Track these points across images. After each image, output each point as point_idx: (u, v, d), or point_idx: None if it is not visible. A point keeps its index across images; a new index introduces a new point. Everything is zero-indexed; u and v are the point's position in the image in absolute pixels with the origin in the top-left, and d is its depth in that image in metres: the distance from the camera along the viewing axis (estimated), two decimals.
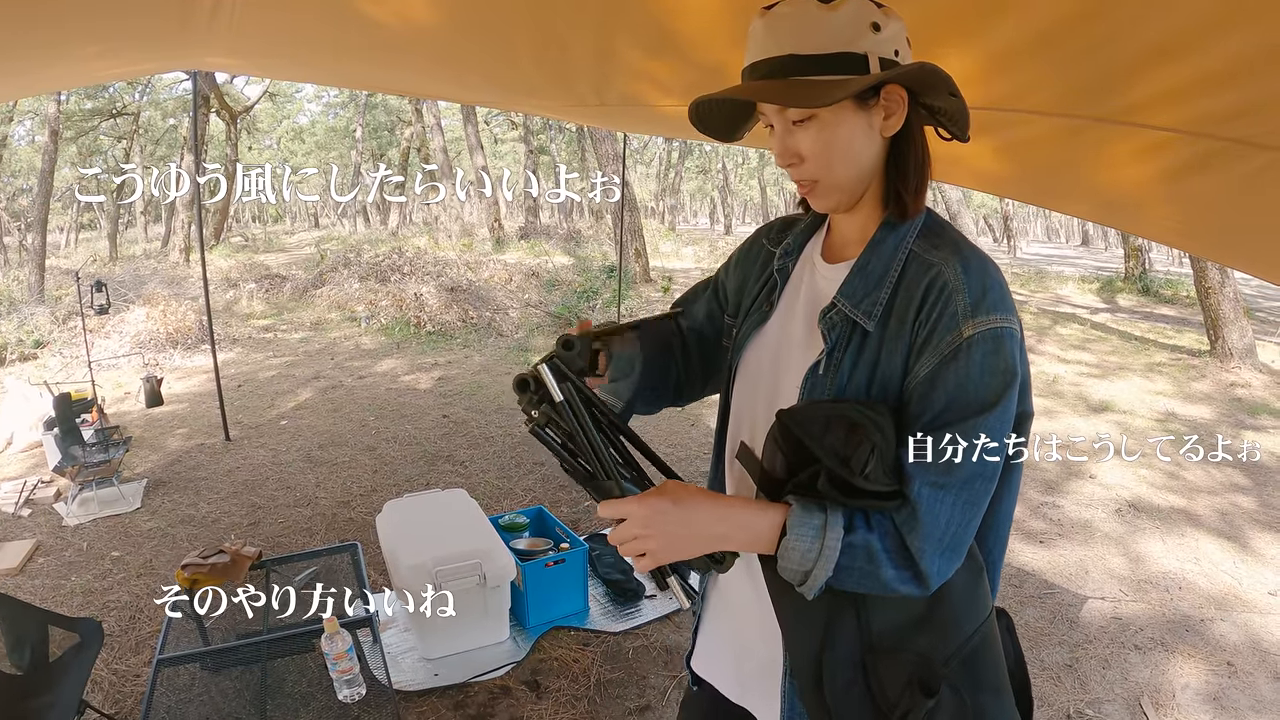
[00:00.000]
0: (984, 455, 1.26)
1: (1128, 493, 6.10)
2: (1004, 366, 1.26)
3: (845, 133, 1.32)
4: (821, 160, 1.34)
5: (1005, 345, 1.27)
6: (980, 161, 2.38)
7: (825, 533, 1.26)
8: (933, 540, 1.26)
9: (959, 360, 1.25)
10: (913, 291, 1.31)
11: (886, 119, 1.32)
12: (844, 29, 1.26)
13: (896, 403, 1.32)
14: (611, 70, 2.66)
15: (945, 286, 1.28)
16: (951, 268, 1.29)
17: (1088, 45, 1.52)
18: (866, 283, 1.36)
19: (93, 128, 30.43)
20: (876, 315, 1.34)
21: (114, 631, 4.09)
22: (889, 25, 1.28)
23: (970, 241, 1.35)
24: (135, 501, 5.86)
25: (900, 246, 1.36)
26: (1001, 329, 1.26)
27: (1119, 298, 16.90)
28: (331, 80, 6.91)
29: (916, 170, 1.36)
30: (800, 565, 1.27)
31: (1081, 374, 10.02)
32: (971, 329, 1.25)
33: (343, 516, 5.58)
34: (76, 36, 3.01)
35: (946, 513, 1.26)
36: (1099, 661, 3.93)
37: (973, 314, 1.25)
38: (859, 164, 1.35)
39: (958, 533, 1.28)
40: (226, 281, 15.74)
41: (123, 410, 8.42)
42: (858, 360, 1.35)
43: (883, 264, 1.36)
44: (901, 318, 1.31)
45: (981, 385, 1.26)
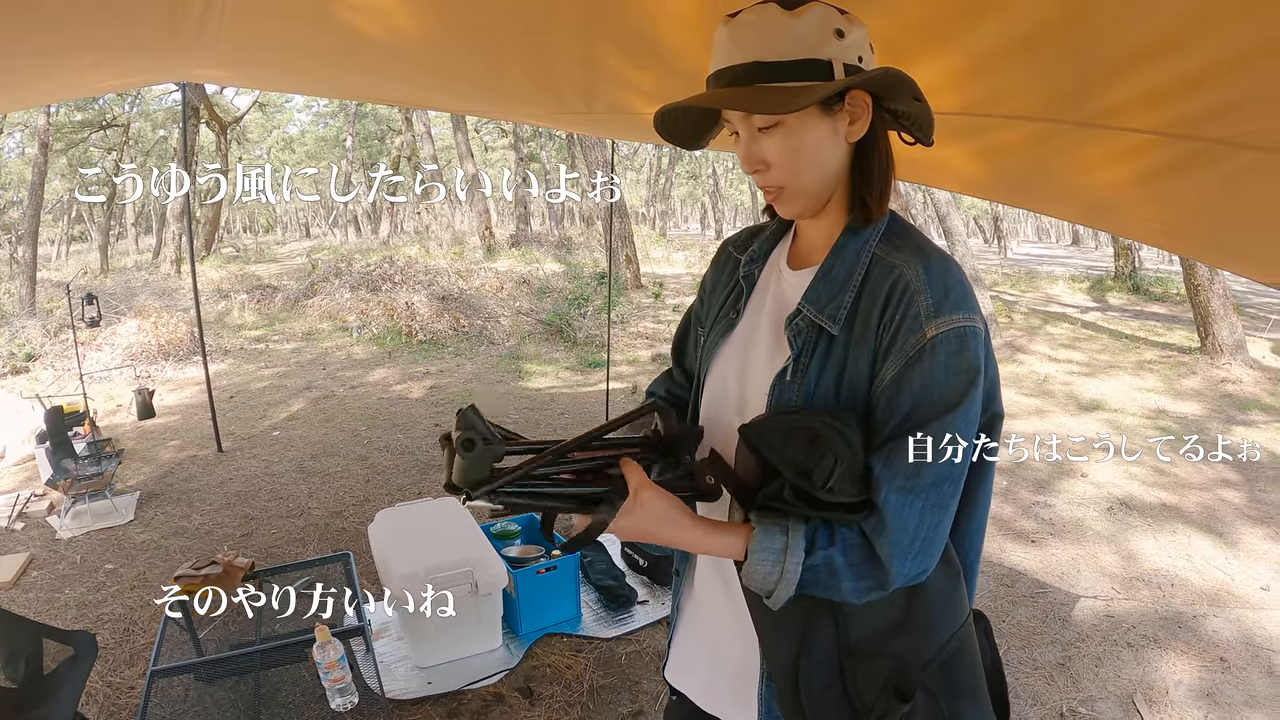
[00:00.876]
0: (951, 456, 1.27)
1: (1119, 491, 6.12)
2: (967, 365, 1.27)
3: (811, 139, 1.32)
4: (787, 166, 1.35)
5: (969, 344, 1.27)
6: (961, 165, 2.40)
7: (786, 557, 1.27)
8: (901, 546, 1.26)
9: (923, 361, 1.26)
10: (876, 294, 1.32)
11: (851, 124, 1.33)
12: (808, 36, 1.27)
13: (865, 407, 1.33)
14: (597, 78, 2.67)
15: (908, 288, 1.28)
16: (913, 269, 1.29)
17: (1065, 50, 1.53)
18: (830, 287, 1.37)
19: (83, 139, 30.38)
20: (841, 319, 1.34)
21: (108, 644, 4.08)
22: (852, 31, 1.29)
23: (933, 244, 1.37)
24: (128, 514, 5.85)
25: (863, 250, 1.37)
26: (965, 328, 1.27)
27: (1109, 296, 16.97)
28: (320, 91, 6.90)
29: (880, 175, 1.37)
30: (763, 586, 1.29)
31: (1072, 373, 10.07)
32: (935, 329, 1.26)
33: (335, 526, 5.57)
34: (65, 49, 3.01)
35: (915, 517, 1.26)
36: (1092, 659, 3.94)
37: (935, 314, 1.26)
38: (824, 169, 1.36)
39: (927, 536, 1.28)
40: (218, 292, 15.72)
41: (115, 423, 8.41)
42: (825, 365, 1.35)
43: (846, 268, 1.37)
44: (866, 321, 1.32)
45: (946, 385, 1.26)
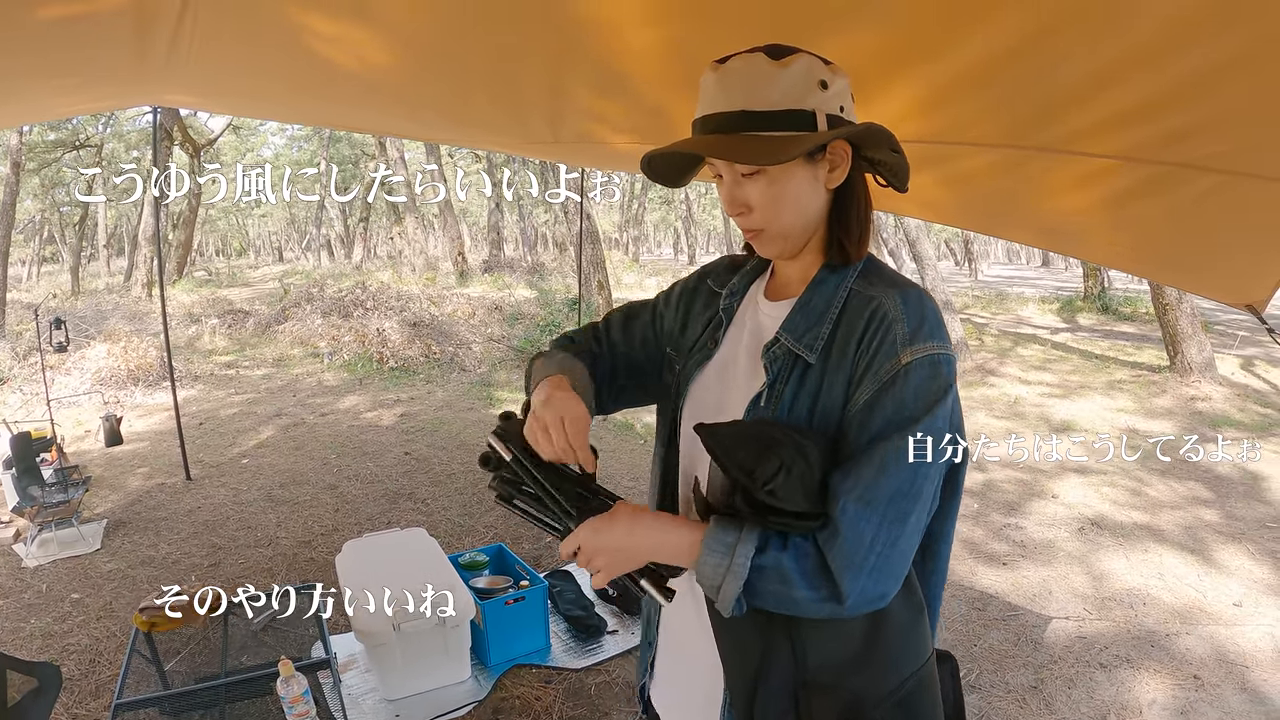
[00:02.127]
0: (911, 470, 1.28)
1: (1090, 510, 6.15)
2: (938, 386, 1.30)
3: (793, 186, 1.37)
4: (769, 211, 1.39)
5: (941, 369, 1.31)
6: (926, 193, 2.41)
7: (735, 550, 1.28)
8: (855, 557, 1.26)
9: (896, 385, 1.29)
10: (854, 324, 1.35)
11: (831, 171, 1.38)
12: (794, 86, 1.31)
13: (837, 432, 1.35)
14: (564, 108, 2.68)
15: (885, 316, 1.32)
16: (891, 299, 1.33)
17: (1026, 77, 1.54)
18: (808, 318, 1.41)
19: (55, 159, 30.23)
20: (818, 349, 1.38)
21: (73, 675, 4.03)
22: (835, 82, 1.34)
23: (907, 279, 1.41)
24: (95, 542, 5.79)
25: (841, 286, 1.41)
26: (939, 355, 1.30)
27: (1079, 317, 17.12)
28: (289, 117, 6.90)
29: (859, 220, 1.43)
30: (710, 580, 1.30)
31: (1043, 394, 10.13)
32: (910, 355, 1.29)
33: (304, 556, 5.52)
34: (33, 72, 3.00)
35: (871, 529, 1.26)
36: (1064, 681, 3.94)
37: (911, 341, 1.29)
38: (804, 214, 1.40)
39: (883, 552, 1.28)
40: (189, 317, 15.61)
41: (83, 449, 8.32)
42: (799, 392, 1.38)
43: (824, 301, 1.41)
44: (843, 350, 1.35)
45: (914, 403, 1.29)
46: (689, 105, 1.39)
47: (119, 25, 2.66)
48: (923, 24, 1.48)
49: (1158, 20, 1.24)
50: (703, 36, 1.46)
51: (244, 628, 4.05)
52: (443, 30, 2.24)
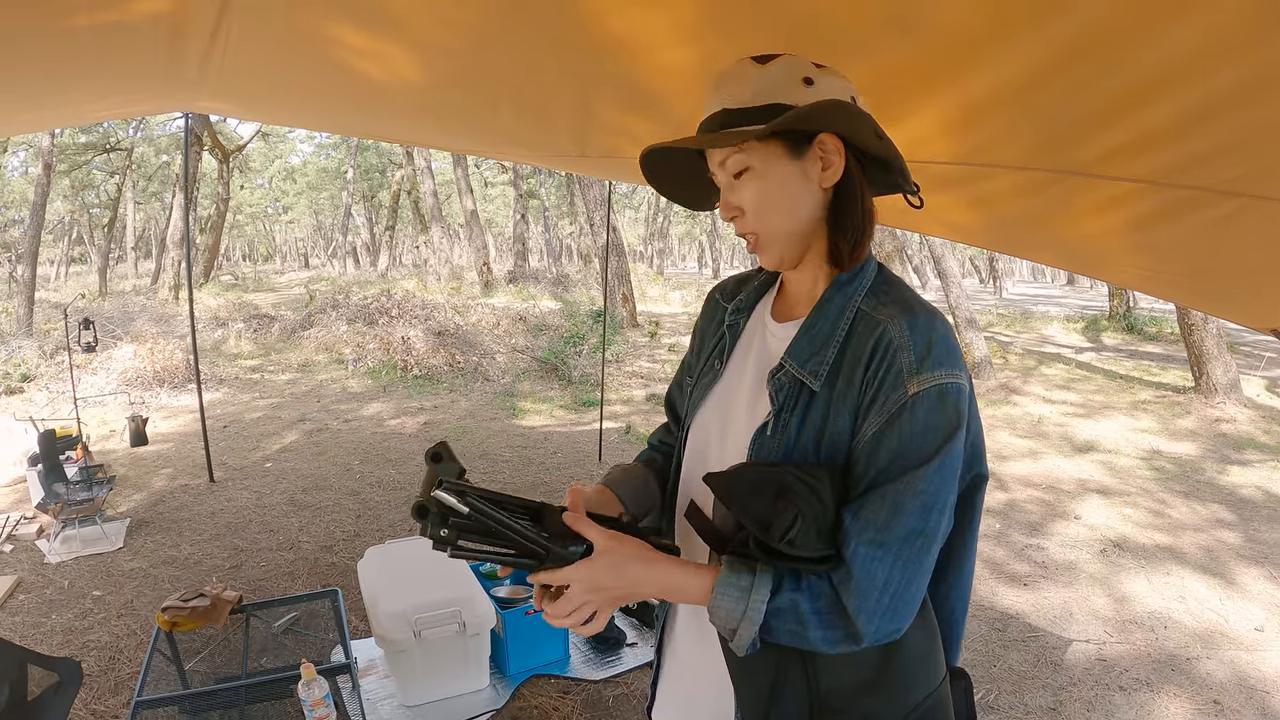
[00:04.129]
0: (924, 511, 1.25)
1: (1112, 532, 6.11)
2: (947, 420, 1.26)
3: (779, 181, 1.35)
4: (759, 211, 1.38)
5: (950, 399, 1.27)
6: (951, 214, 2.42)
7: (750, 594, 1.27)
8: (870, 599, 1.24)
9: (903, 418, 1.25)
10: (860, 350, 1.32)
11: (824, 170, 1.35)
12: (774, 83, 1.32)
13: (845, 463, 1.32)
14: (591, 122, 2.70)
15: (891, 344, 1.28)
16: (897, 325, 1.29)
17: (1051, 101, 1.54)
18: (813, 343, 1.37)
19: (86, 162, 30.52)
20: (823, 375, 1.35)
21: (93, 672, 4.07)
22: (824, 81, 1.33)
23: (919, 298, 1.37)
24: (118, 541, 5.84)
25: (848, 305, 1.37)
26: (947, 384, 1.26)
27: (1104, 336, 17.01)
28: (319, 126, 6.95)
29: (855, 223, 1.38)
30: (726, 624, 1.28)
31: (1067, 414, 10.07)
32: (916, 386, 1.25)
33: (325, 561, 5.55)
34: (69, 77, 3.04)
35: (884, 571, 1.24)
36: (1084, 704, 3.92)
37: (918, 371, 1.26)
38: (795, 215, 1.38)
39: (898, 592, 1.25)
40: (215, 320, 15.73)
41: (108, 448, 8.40)
42: (805, 421, 1.35)
43: (830, 323, 1.37)
44: (849, 378, 1.32)
45: (923, 440, 1.25)
46: None
47: (154, 33, 2.69)
48: (951, 46, 1.49)
49: (1181, 45, 1.24)
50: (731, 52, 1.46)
51: (265, 630, 4.08)
52: (473, 45, 2.26)
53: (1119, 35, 1.29)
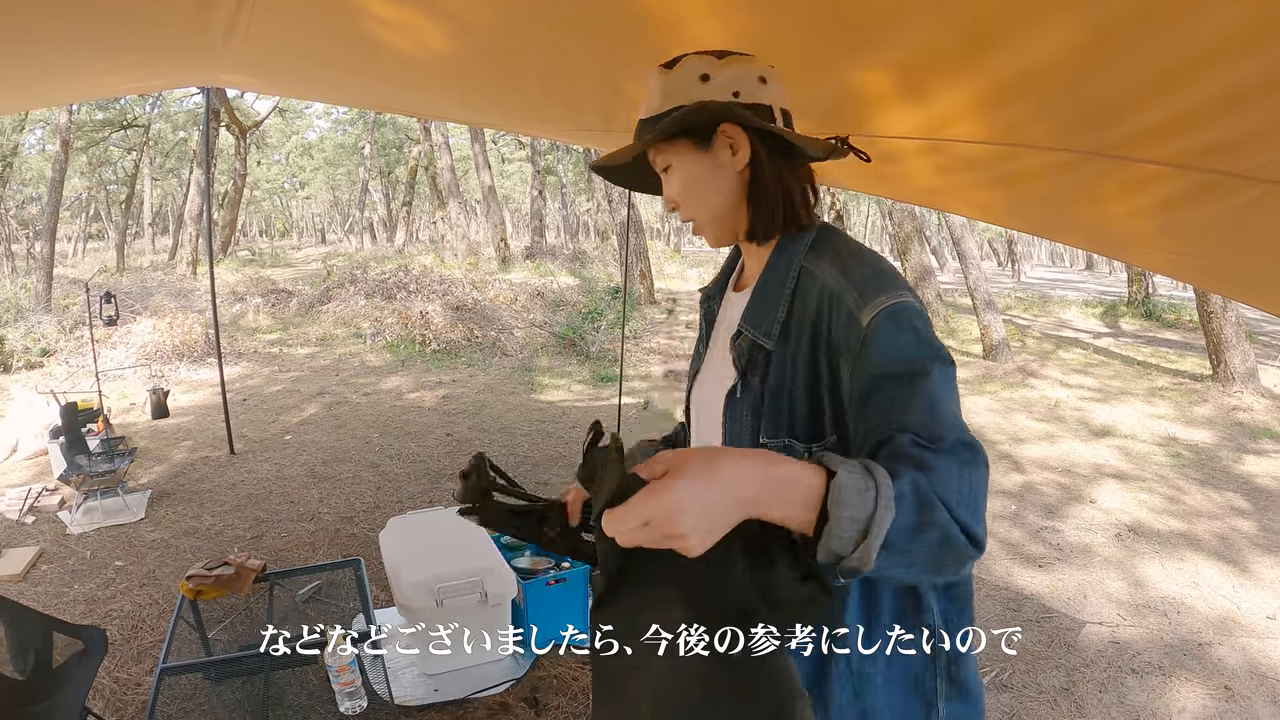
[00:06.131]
0: (953, 421, 1.19)
1: (1128, 517, 6.11)
2: (909, 336, 1.27)
3: (694, 173, 1.48)
4: (686, 201, 1.51)
5: (903, 316, 1.28)
6: (977, 193, 2.42)
7: (870, 469, 1.03)
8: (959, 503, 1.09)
9: (868, 348, 1.27)
10: (807, 305, 1.39)
11: (735, 155, 1.45)
12: (676, 87, 1.44)
13: (808, 411, 1.38)
14: (617, 100, 2.70)
15: (833, 293, 1.34)
16: (834, 276, 1.36)
17: (1079, 81, 1.55)
18: (765, 304, 1.46)
19: (103, 138, 30.56)
20: (775, 335, 1.42)
21: (116, 640, 4.11)
22: (720, 73, 1.43)
23: (852, 243, 1.45)
24: (139, 512, 5.90)
25: (791, 264, 1.45)
26: (892, 305, 1.28)
27: (1122, 322, 16.91)
28: (341, 99, 6.95)
29: (769, 199, 1.46)
30: (858, 511, 0.99)
31: (1084, 398, 10.04)
32: (867, 316, 1.28)
33: (345, 532, 5.60)
34: (92, 50, 3.05)
35: (955, 475, 1.10)
36: (1096, 685, 3.94)
37: (863, 304, 1.30)
38: (715, 199, 1.49)
39: (972, 493, 1.11)
40: (233, 295, 15.78)
41: (128, 421, 8.47)
42: (766, 379, 1.43)
43: (777, 284, 1.45)
44: (800, 331, 1.39)
45: (901, 355, 1.24)
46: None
47: (180, 4, 2.71)
48: (981, 26, 1.50)
49: (1210, 29, 1.24)
50: (763, 27, 1.48)
51: (287, 599, 4.13)
52: (501, 18, 2.27)
53: (1149, 18, 1.29)
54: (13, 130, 26.36)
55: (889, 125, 1.86)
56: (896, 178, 2.57)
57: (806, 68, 1.74)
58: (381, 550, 4.02)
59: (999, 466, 7.24)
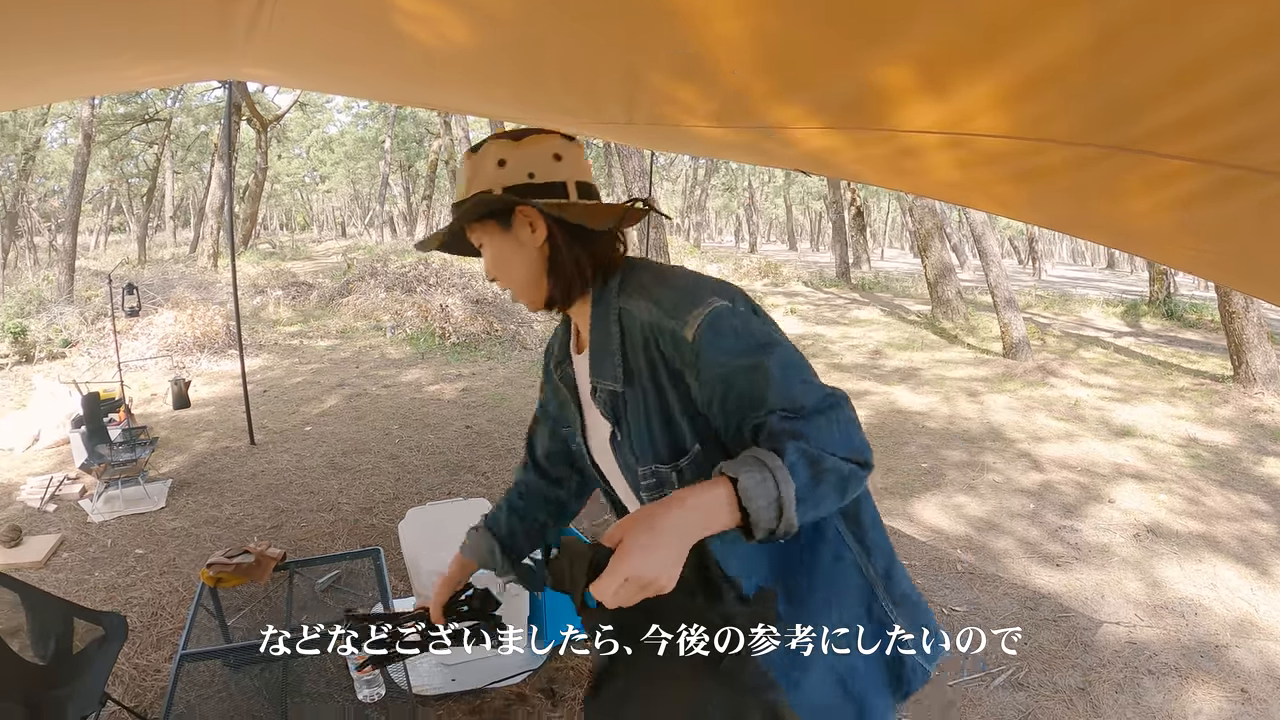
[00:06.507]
0: (803, 387, 1.38)
1: (1147, 517, 6.08)
2: (734, 339, 1.43)
3: (502, 252, 1.64)
4: (499, 274, 1.67)
5: (722, 323, 1.44)
6: (999, 187, 2.41)
7: (759, 457, 1.25)
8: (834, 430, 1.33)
9: (702, 360, 1.43)
10: (635, 343, 1.54)
11: (533, 233, 1.60)
12: (478, 173, 1.61)
13: (668, 436, 1.54)
14: (639, 92, 2.70)
15: (652, 325, 1.50)
16: (648, 309, 1.52)
17: (1100, 75, 1.54)
18: (603, 355, 1.60)
19: (125, 132, 30.77)
20: (620, 378, 1.57)
21: (136, 627, 4.15)
22: (514, 156, 1.59)
23: (657, 271, 1.63)
24: (160, 501, 5.95)
25: (609, 311, 1.60)
26: (708, 315, 1.44)
27: (1143, 321, 16.78)
28: (363, 93, 6.98)
29: (563, 271, 1.62)
30: (765, 496, 1.22)
31: (1104, 398, 9.97)
32: (690, 333, 1.44)
33: (365, 523, 5.64)
34: (114, 44, 3.07)
35: (826, 427, 1.33)
36: (1112, 686, 3.93)
37: (682, 324, 1.45)
38: (521, 273, 1.64)
39: (845, 432, 1.35)
40: (254, 288, 15.87)
41: (149, 411, 8.54)
42: (635, 419, 1.57)
43: (604, 333, 1.60)
44: (638, 367, 1.55)
45: (732, 357, 1.41)
46: (770, 86, 1.43)
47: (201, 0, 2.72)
48: (1000, 17, 1.49)
49: (1236, 22, 1.24)
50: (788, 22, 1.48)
51: (306, 588, 4.16)
52: (524, 9, 2.28)
53: (1173, 10, 1.29)
54: (35, 124, 26.60)
55: (911, 119, 1.85)
56: (918, 172, 2.56)
57: (826, 62, 1.74)
58: (401, 541, 4.04)
59: (1017, 465, 7.22)
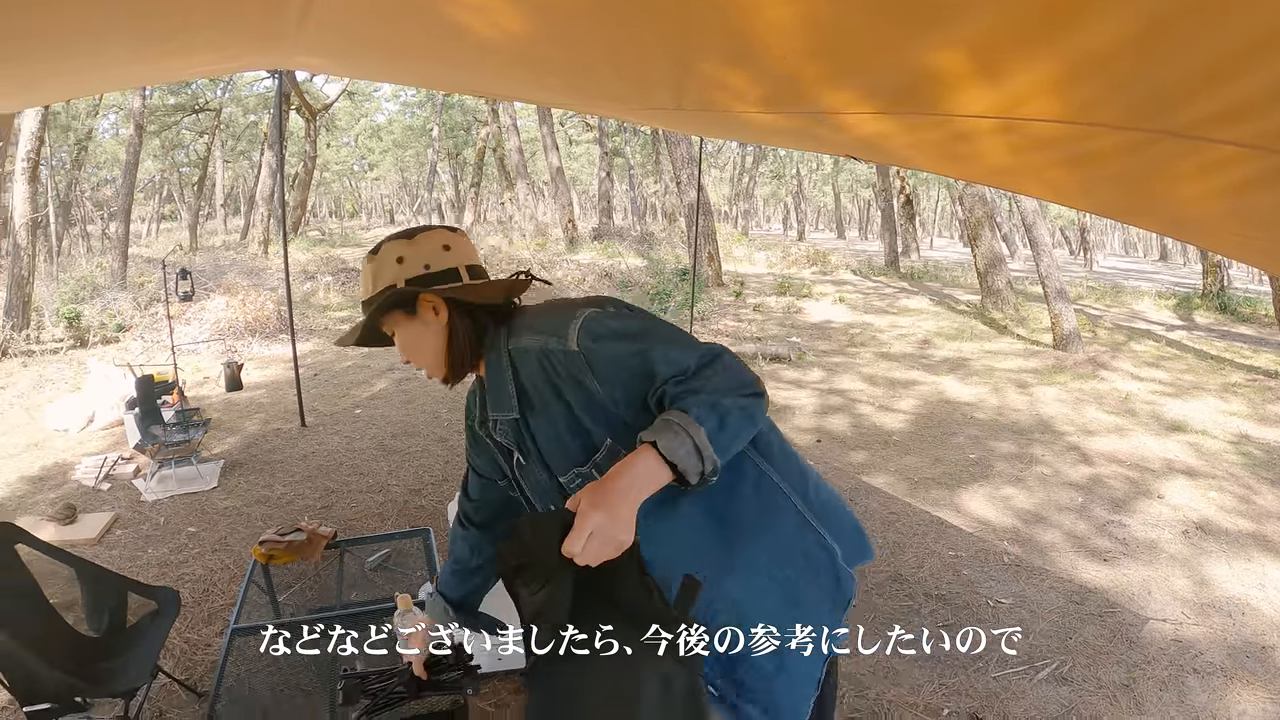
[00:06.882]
0: (682, 354, 1.65)
1: (1196, 514, 6.00)
2: (612, 340, 1.69)
3: (412, 337, 1.87)
4: (412, 356, 1.90)
5: (595, 324, 1.71)
6: (1049, 172, 2.39)
7: (669, 419, 1.54)
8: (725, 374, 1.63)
9: (593, 362, 1.68)
10: (532, 373, 1.76)
11: (437, 315, 1.83)
12: (380, 271, 1.84)
13: (579, 441, 1.74)
14: (689, 78, 2.71)
15: (543, 350, 1.74)
16: (535, 339, 1.76)
17: (1153, 58, 1.53)
18: (498, 393, 1.84)
19: (175, 122, 31.22)
20: (515, 406, 1.81)
21: (187, 602, 4.23)
22: (410, 252, 1.84)
23: (534, 309, 1.88)
24: (212, 481, 6.06)
25: (500, 357, 1.82)
26: (582, 323, 1.71)
27: (1196, 315, 16.47)
28: (414, 81, 7.03)
29: (459, 343, 1.85)
30: (687, 453, 1.51)
31: (1155, 392, 9.82)
32: (574, 343, 1.70)
33: (414, 504, 5.71)
34: (167, 33, 3.10)
35: (711, 376, 1.62)
36: (1156, 683, 3.90)
37: (565, 338, 1.70)
38: (430, 352, 1.87)
39: (729, 374, 1.64)
40: (304, 274, 16.07)
41: (202, 394, 8.69)
42: (543, 436, 1.80)
43: (498, 376, 1.83)
44: (537, 392, 1.77)
45: (616, 350, 1.68)
46: (821, 72, 1.44)
47: None
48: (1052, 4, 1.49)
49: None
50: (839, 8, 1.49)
51: (355, 567, 4.22)
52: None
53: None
54: (87, 115, 27.08)
55: (964, 104, 1.85)
56: (970, 157, 2.55)
57: (878, 47, 1.75)
58: (449, 520, 4.08)
59: (1066, 458, 7.15)
